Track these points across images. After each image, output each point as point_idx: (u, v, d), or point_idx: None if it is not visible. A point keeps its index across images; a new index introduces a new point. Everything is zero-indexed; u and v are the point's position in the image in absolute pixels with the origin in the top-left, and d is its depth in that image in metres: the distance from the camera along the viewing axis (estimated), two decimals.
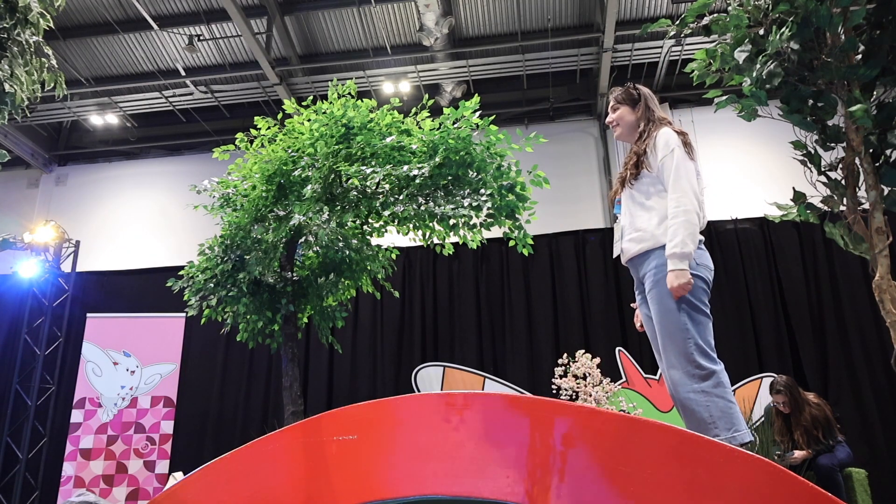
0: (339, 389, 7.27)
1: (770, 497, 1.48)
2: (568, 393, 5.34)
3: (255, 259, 4.28)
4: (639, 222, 2.50)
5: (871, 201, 2.85)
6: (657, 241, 2.42)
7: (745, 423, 2.27)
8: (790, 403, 4.76)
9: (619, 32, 7.17)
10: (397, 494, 1.77)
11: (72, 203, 9.10)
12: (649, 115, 2.64)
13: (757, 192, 6.91)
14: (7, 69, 3.90)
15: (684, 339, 2.31)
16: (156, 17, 7.49)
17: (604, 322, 7.04)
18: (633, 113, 2.69)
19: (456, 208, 3.86)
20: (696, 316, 2.33)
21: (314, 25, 7.84)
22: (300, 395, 4.62)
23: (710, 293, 2.43)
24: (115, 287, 8.06)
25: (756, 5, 2.97)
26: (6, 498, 7.03)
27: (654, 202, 2.48)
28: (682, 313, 2.32)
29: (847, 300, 6.65)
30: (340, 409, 1.89)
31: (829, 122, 2.98)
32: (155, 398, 6.52)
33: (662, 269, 2.38)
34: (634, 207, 2.55)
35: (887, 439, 6.11)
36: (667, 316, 2.36)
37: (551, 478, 1.68)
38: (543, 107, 8.51)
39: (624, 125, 2.72)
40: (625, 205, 2.62)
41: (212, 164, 7.64)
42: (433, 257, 7.54)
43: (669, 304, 2.35)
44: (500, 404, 1.81)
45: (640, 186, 2.54)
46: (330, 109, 4.46)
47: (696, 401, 2.25)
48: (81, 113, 8.74)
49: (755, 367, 6.53)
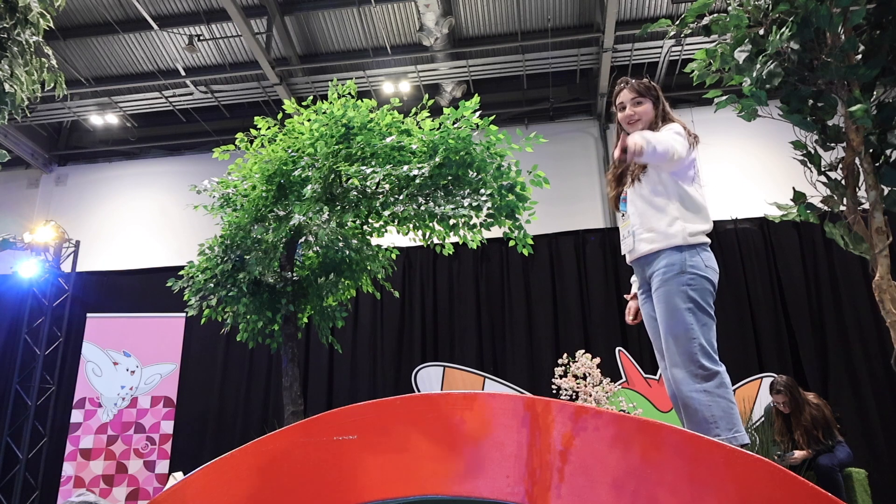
0: (339, 389, 7.27)
1: (770, 497, 1.48)
2: (568, 393, 5.34)
3: (255, 259, 4.28)
4: (650, 222, 2.49)
5: (871, 201, 2.85)
6: (668, 241, 2.42)
7: (742, 424, 2.28)
8: (790, 403, 4.76)
9: (619, 32, 7.17)
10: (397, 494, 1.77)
11: (72, 203, 9.10)
12: (665, 114, 2.62)
13: (757, 192, 6.91)
14: (7, 69, 3.90)
15: (689, 339, 2.31)
16: (156, 17, 7.49)
17: (604, 322, 7.04)
18: (655, 109, 2.63)
19: (456, 208, 3.86)
20: (701, 317, 2.34)
21: (314, 25, 7.84)
22: (300, 395, 4.63)
23: (715, 295, 2.43)
24: (115, 287, 8.05)
25: (756, 5, 2.97)
26: (6, 498, 7.03)
27: (662, 201, 2.48)
28: (688, 313, 2.33)
29: (847, 300, 6.65)
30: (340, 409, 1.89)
31: (829, 122, 2.98)
32: (155, 398, 6.52)
33: (671, 269, 2.39)
34: (644, 206, 2.52)
35: (887, 439, 6.10)
36: (673, 315, 2.36)
37: (551, 478, 1.68)
38: (543, 107, 8.51)
39: (646, 121, 2.62)
40: (633, 203, 2.59)
41: (212, 164, 7.63)
42: (433, 257, 7.54)
43: (676, 304, 2.35)
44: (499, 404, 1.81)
45: (647, 184, 2.53)
46: (330, 109, 4.46)
47: (699, 400, 2.26)
48: (81, 113, 8.74)
49: (755, 367, 6.53)
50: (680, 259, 2.38)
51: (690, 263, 2.36)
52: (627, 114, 2.65)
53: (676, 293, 2.35)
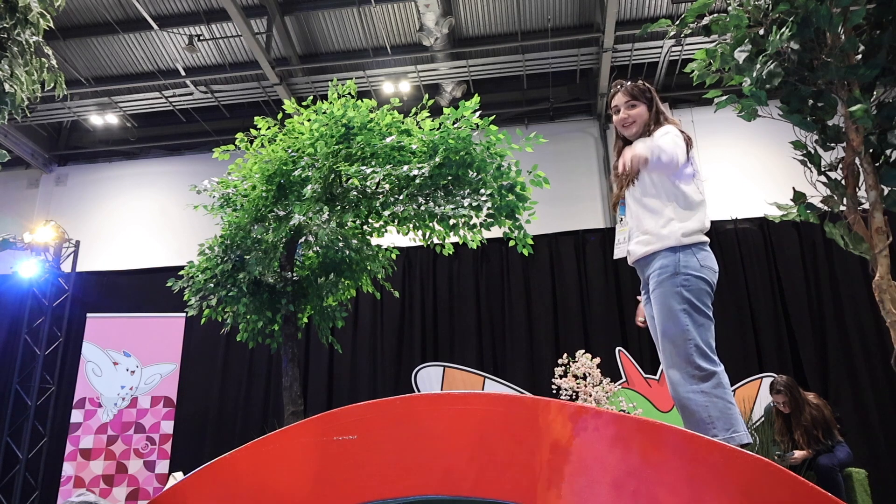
0: (339, 389, 7.27)
1: (770, 497, 1.48)
2: (568, 393, 5.34)
3: (255, 259, 4.28)
4: (645, 225, 2.51)
5: (871, 201, 2.85)
6: (663, 242, 2.43)
7: (744, 424, 2.27)
8: (790, 403, 4.76)
9: (619, 32, 7.17)
10: (397, 494, 1.77)
11: (72, 203, 9.10)
12: (661, 116, 2.62)
13: (757, 192, 6.91)
14: (7, 69, 3.90)
15: (684, 339, 2.32)
16: (156, 17, 7.49)
17: (604, 322, 7.04)
18: (649, 112, 2.63)
19: (456, 208, 3.87)
20: (697, 318, 2.34)
21: (314, 25, 7.84)
22: (300, 395, 4.63)
23: (713, 295, 2.43)
24: (115, 287, 8.06)
25: (756, 5, 2.97)
26: (6, 498, 7.03)
27: (656, 203, 2.49)
28: (683, 314, 2.33)
29: (847, 300, 6.65)
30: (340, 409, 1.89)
31: (829, 122, 2.98)
32: (155, 398, 6.52)
33: (665, 270, 2.40)
34: (639, 210, 2.55)
35: (887, 439, 6.11)
36: (668, 317, 2.37)
37: (551, 478, 1.68)
38: (543, 107, 8.51)
39: (641, 124, 2.63)
40: (629, 207, 2.62)
41: (212, 164, 7.63)
42: (433, 257, 7.54)
43: (671, 305, 2.36)
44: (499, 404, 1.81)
45: (642, 188, 2.55)
46: (330, 109, 4.46)
47: (696, 401, 2.26)
48: (81, 113, 8.74)
49: (755, 367, 6.53)
50: (674, 260, 2.39)
51: (685, 264, 2.36)
52: (622, 117, 2.66)
53: (671, 294, 2.36)
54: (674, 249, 2.41)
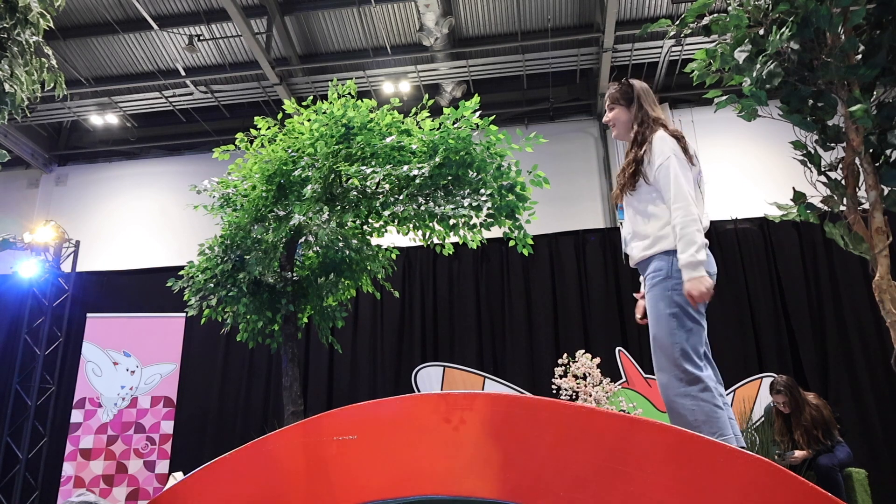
0: (339, 389, 7.27)
1: (770, 497, 1.48)
2: (568, 393, 5.34)
3: (255, 259, 4.28)
4: (641, 228, 2.54)
5: (871, 201, 2.85)
6: (659, 246, 2.46)
7: (731, 428, 2.26)
8: (790, 403, 4.76)
9: (619, 32, 7.17)
10: (397, 494, 1.77)
11: (72, 203, 9.10)
12: (643, 115, 2.62)
13: (757, 192, 6.91)
14: (7, 69, 3.90)
15: (672, 343, 2.34)
16: (156, 17, 7.49)
17: (604, 322, 7.04)
18: (628, 112, 2.66)
19: (456, 208, 3.86)
20: (686, 322, 2.35)
21: (314, 25, 7.84)
22: (300, 395, 4.63)
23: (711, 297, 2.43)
24: (115, 287, 8.05)
25: (756, 5, 2.97)
26: (6, 498, 7.03)
27: (653, 209, 2.51)
28: (672, 318, 2.36)
29: (847, 300, 6.64)
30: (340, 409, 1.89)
31: (829, 122, 2.97)
32: (155, 398, 6.52)
33: (658, 274, 2.42)
34: (636, 214, 2.58)
35: (887, 439, 6.10)
36: (657, 320, 2.41)
37: (551, 478, 1.68)
38: (543, 107, 8.51)
39: (620, 126, 2.71)
40: (627, 210, 2.65)
41: (212, 164, 7.64)
42: (433, 257, 7.54)
43: (661, 309, 2.39)
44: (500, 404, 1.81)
45: (639, 195, 2.57)
46: (330, 109, 4.46)
47: (683, 404, 2.29)
48: (81, 113, 8.74)
49: (755, 367, 6.53)
50: (667, 264, 2.41)
51: (678, 268, 2.37)
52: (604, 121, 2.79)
53: (662, 298, 2.39)
54: (668, 253, 2.43)
